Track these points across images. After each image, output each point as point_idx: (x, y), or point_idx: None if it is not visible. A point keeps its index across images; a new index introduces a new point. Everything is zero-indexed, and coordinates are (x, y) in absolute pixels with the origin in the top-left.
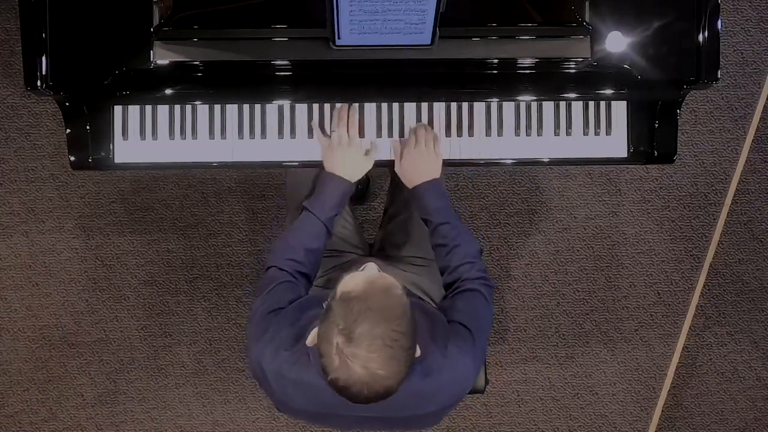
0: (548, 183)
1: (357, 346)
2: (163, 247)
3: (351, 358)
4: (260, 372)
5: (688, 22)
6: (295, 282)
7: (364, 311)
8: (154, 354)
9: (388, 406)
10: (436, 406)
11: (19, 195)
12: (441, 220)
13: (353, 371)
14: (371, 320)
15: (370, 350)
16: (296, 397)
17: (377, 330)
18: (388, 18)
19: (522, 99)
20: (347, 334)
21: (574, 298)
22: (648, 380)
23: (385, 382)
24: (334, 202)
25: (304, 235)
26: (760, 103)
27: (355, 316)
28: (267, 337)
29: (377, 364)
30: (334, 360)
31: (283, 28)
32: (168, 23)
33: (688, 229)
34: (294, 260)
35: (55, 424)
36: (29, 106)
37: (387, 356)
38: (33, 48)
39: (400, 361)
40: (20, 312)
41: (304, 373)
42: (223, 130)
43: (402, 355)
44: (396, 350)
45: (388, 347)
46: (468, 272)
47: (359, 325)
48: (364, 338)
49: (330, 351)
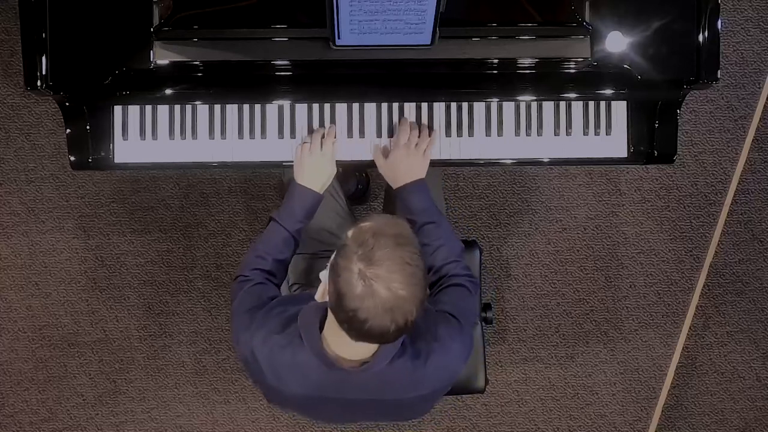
0: (548, 183)
1: (379, 266)
2: (163, 247)
3: (374, 279)
4: (252, 359)
5: (688, 22)
6: (265, 284)
7: (380, 237)
8: (154, 354)
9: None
10: (426, 389)
11: (19, 195)
12: (425, 220)
13: (377, 294)
14: (389, 244)
15: (391, 270)
16: (289, 381)
17: (395, 251)
18: (388, 18)
19: (522, 99)
20: (368, 258)
21: (574, 298)
22: (648, 380)
23: (406, 306)
24: (302, 213)
25: (273, 246)
26: (760, 103)
27: (372, 243)
28: (255, 326)
29: (399, 283)
30: (357, 286)
31: (283, 28)
32: (168, 23)
33: (688, 229)
34: (262, 269)
35: (55, 424)
36: (29, 106)
37: (408, 274)
38: (33, 48)
39: (419, 283)
40: (20, 312)
41: (297, 354)
42: (223, 130)
43: (420, 275)
44: (414, 269)
45: (408, 265)
46: (452, 270)
47: (378, 249)
48: (385, 259)
49: (351, 278)
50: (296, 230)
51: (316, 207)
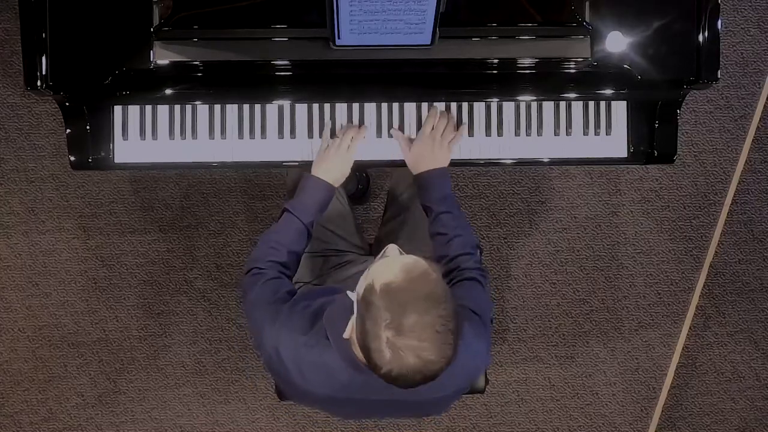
0: (548, 183)
1: (408, 337)
2: (163, 247)
3: (403, 350)
4: (276, 357)
5: (688, 22)
6: (282, 279)
7: (411, 301)
8: (154, 354)
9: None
10: (451, 389)
11: (19, 195)
12: (443, 209)
13: (406, 362)
14: (419, 309)
15: (421, 339)
16: (314, 381)
17: (426, 318)
18: (388, 18)
19: (522, 99)
20: (396, 327)
21: (574, 298)
22: (648, 380)
23: (435, 366)
24: (317, 205)
25: (286, 237)
26: (760, 103)
27: (402, 308)
28: (280, 323)
29: (429, 351)
30: (386, 354)
31: (283, 28)
32: (168, 23)
33: (688, 229)
34: (276, 261)
35: (55, 424)
36: (29, 106)
37: (438, 342)
38: (33, 48)
39: (449, 345)
40: (20, 312)
41: (324, 355)
42: (223, 130)
43: (450, 338)
44: (445, 334)
45: (438, 333)
46: (466, 262)
47: (408, 317)
48: (415, 328)
49: (379, 346)
50: (310, 222)
51: (329, 201)
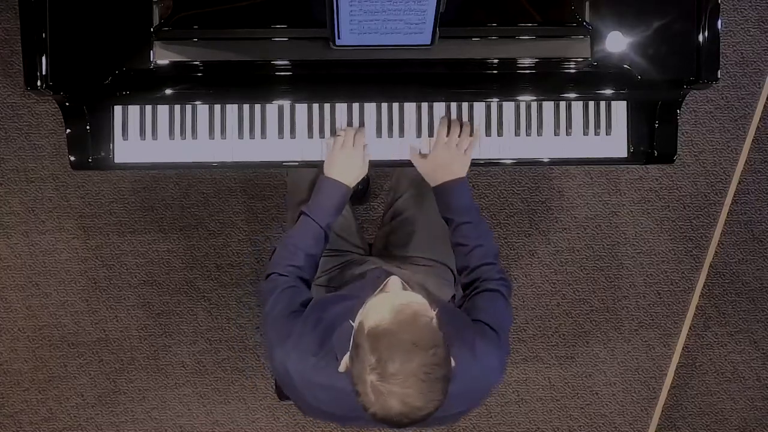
0: (548, 183)
1: (391, 383)
2: (163, 247)
3: (387, 396)
4: (286, 376)
5: (688, 22)
6: (298, 287)
7: (395, 346)
8: (154, 354)
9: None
10: (464, 406)
11: (19, 195)
12: (463, 220)
13: (390, 406)
14: (403, 355)
15: (404, 386)
16: (325, 400)
17: (410, 366)
18: (388, 18)
19: (522, 99)
20: (380, 372)
21: (574, 298)
22: (648, 380)
23: (422, 412)
24: (333, 207)
25: (304, 241)
26: (760, 103)
27: (386, 353)
28: (291, 342)
29: (413, 398)
30: (370, 397)
31: (283, 28)
32: (168, 23)
33: (688, 229)
34: (294, 266)
35: (55, 424)
36: (29, 106)
37: (423, 389)
38: (33, 48)
39: (436, 391)
40: (20, 312)
41: (333, 378)
42: (223, 130)
43: (437, 385)
44: (430, 383)
45: (422, 381)
46: (487, 273)
47: (391, 362)
48: (399, 375)
49: (365, 389)
50: (327, 224)
51: (345, 201)
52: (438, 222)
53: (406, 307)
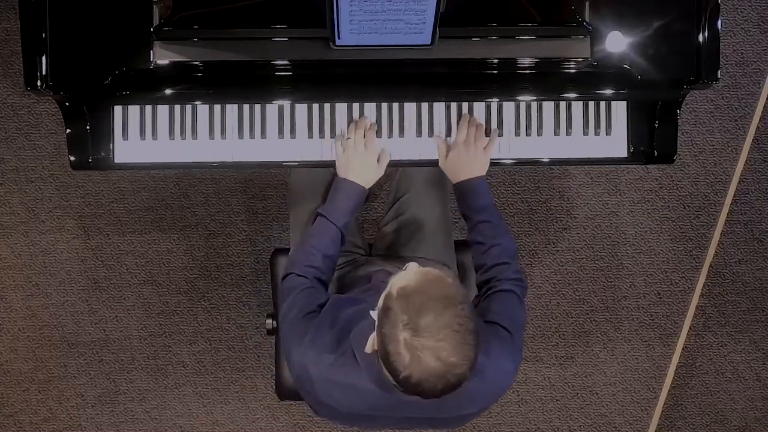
0: (548, 183)
1: (425, 337)
2: (163, 247)
3: (422, 351)
4: (304, 375)
5: (688, 22)
6: (316, 288)
7: (426, 302)
8: (154, 354)
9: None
10: (478, 407)
11: (19, 195)
12: (482, 218)
13: (425, 363)
14: (435, 309)
15: (439, 338)
16: (342, 400)
17: (442, 317)
18: (388, 18)
19: (522, 99)
20: (413, 327)
21: (574, 298)
22: (648, 380)
23: (458, 370)
24: (349, 208)
25: (321, 242)
26: (760, 103)
27: (417, 308)
28: (308, 341)
29: (448, 351)
30: (405, 356)
31: (283, 28)
32: (168, 23)
33: (688, 229)
34: (312, 266)
35: (55, 424)
36: (29, 106)
37: (456, 342)
38: (33, 48)
39: (469, 345)
40: (20, 312)
41: (351, 376)
42: (223, 130)
43: (470, 338)
44: (464, 334)
45: (455, 332)
46: (503, 273)
47: (424, 316)
48: (431, 327)
49: (398, 348)
50: (344, 225)
51: (361, 203)
52: (439, 222)
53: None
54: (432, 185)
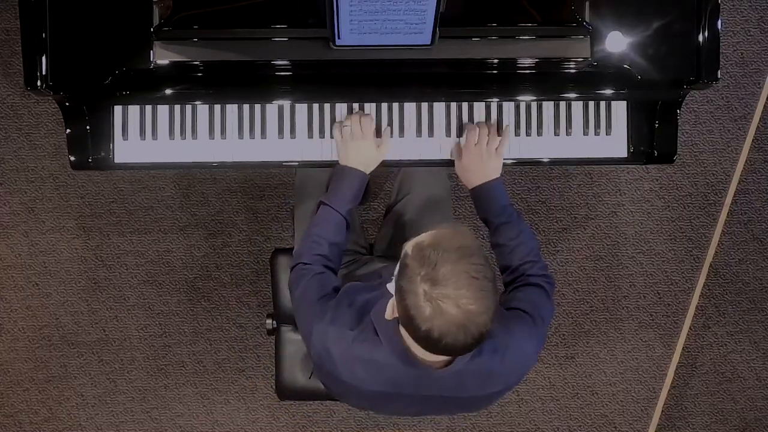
0: (548, 183)
1: (444, 286)
2: (163, 247)
3: (442, 300)
4: (325, 354)
5: (688, 22)
6: (326, 273)
7: (441, 253)
8: (154, 354)
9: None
10: (501, 386)
11: (19, 195)
12: (502, 220)
13: (447, 313)
14: (451, 259)
15: (458, 287)
16: (365, 377)
17: (459, 266)
18: (388, 18)
19: (522, 99)
20: (432, 278)
21: (574, 298)
22: (648, 380)
23: (479, 319)
24: (351, 194)
25: (326, 229)
26: (760, 103)
27: (434, 261)
28: (328, 318)
29: (468, 299)
30: (425, 309)
31: (283, 28)
32: (168, 23)
33: (688, 229)
34: (320, 255)
35: (55, 424)
36: (29, 106)
37: (476, 288)
38: (33, 48)
39: (488, 293)
40: (20, 312)
41: (373, 351)
42: (223, 130)
43: (488, 286)
44: (482, 281)
45: (474, 279)
46: (529, 270)
47: (441, 267)
48: (450, 276)
49: (418, 301)
50: (347, 211)
51: (363, 187)
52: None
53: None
54: (433, 186)
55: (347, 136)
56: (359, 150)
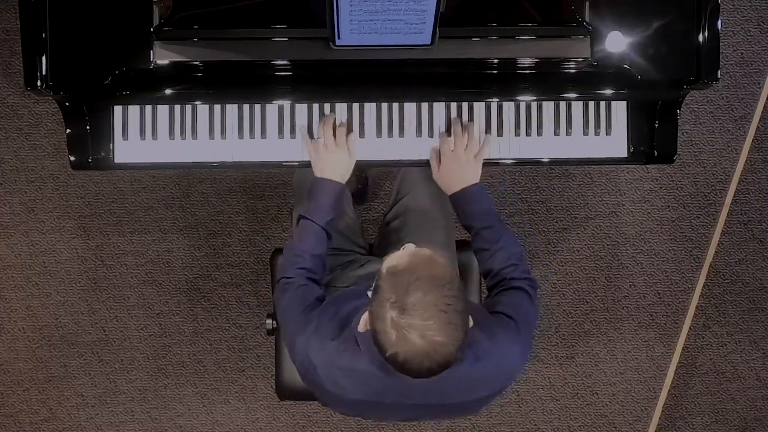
0: (548, 183)
1: (411, 316)
2: (163, 247)
3: (408, 330)
4: (308, 364)
5: (688, 22)
6: (309, 286)
7: (413, 281)
8: (154, 354)
9: (441, 392)
10: (485, 392)
11: (19, 195)
12: (483, 225)
13: (411, 342)
14: (422, 288)
15: (424, 318)
16: (347, 386)
17: (429, 297)
18: (388, 18)
19: (522, 99)
20: (400, 306)
21: (574, 298)
22: (648, 380)
23: (444, 350)
24: (330, 206)
25: (307, 242)
26: (760, 103)
27: (405, 288)
28: (311, 329)
29: (434, 331)
30: (391, 335)
31: (283, 28)
32: (168, 23)
33: (688, 229)
34: (303, 268)
35: (55, 424)
36: (29, 106)
37: (443, 322)
38: (33, 48)
39: (456, 326)
40: (20, 312)
41: (354, 360)
42: (223, 130)
43: (457, 318)
44: (450, 314)
45: (442, 312)
46: (511, 274)
47: (411, 295)
48: (418, 307)
49: (385, 327)
50: (326, 223)
51: (342, 198)
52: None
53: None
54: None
55: (321, 148)
56: (335, 161)
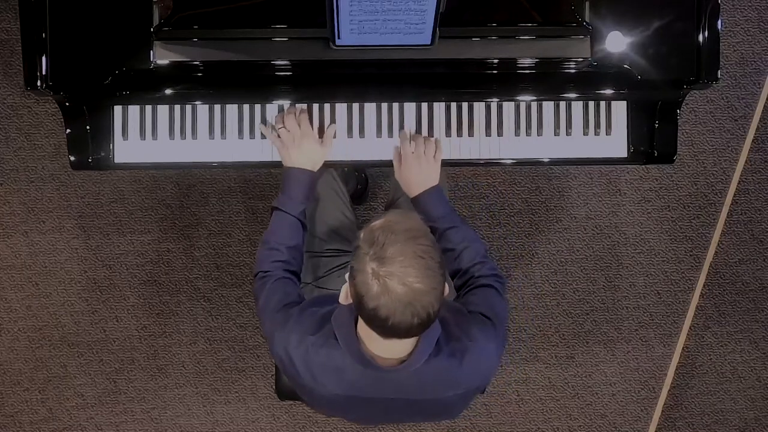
0: (548, 183)
1: (391, 263)
2: (163, 247)
3: (389, 277)
4: (287, 359)
5: (688, 22)
6: (288, 278)
7: (390, 233)
8: (154, 354)
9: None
10: (462, 389)
11: (19, 195)
12: (446, 226)
13: (393, 291)
14: (399, 240)
15: (404, 264)
16: (325, 381)
17: (407, 246)
18: (388, 18)
19: (522, 99)
20: (379, 257)
21: (574, 298)
22: (648, 380)
23: (425, 298)
24: (302, 195)
25: (282, 234)
26: (760, 103)
27: (382, 241)
28: (290, 326)
29: (414, 277)
30: (372, 286)
31: (283, 28)
32: (168, 23)
33: (688, 229)
34: (279, 260)
35: (55, 424)
36: (29, 106)
37: (422, 267)
38: (33, 48)
39: (434, 273)
40: (20, 312)
41: (332, 354)
42: (223, 130)
43: (435, 266)
44: (428, 260)
45: (420, 258)
46: (479, 271)
47: (389, 247)
48: (396, 255)
49: (366, 279)
50: (299, 213)
51: (313, 185)
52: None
53: (395, 211)
54: None
55: (287, 139)
56: (302, 150)
